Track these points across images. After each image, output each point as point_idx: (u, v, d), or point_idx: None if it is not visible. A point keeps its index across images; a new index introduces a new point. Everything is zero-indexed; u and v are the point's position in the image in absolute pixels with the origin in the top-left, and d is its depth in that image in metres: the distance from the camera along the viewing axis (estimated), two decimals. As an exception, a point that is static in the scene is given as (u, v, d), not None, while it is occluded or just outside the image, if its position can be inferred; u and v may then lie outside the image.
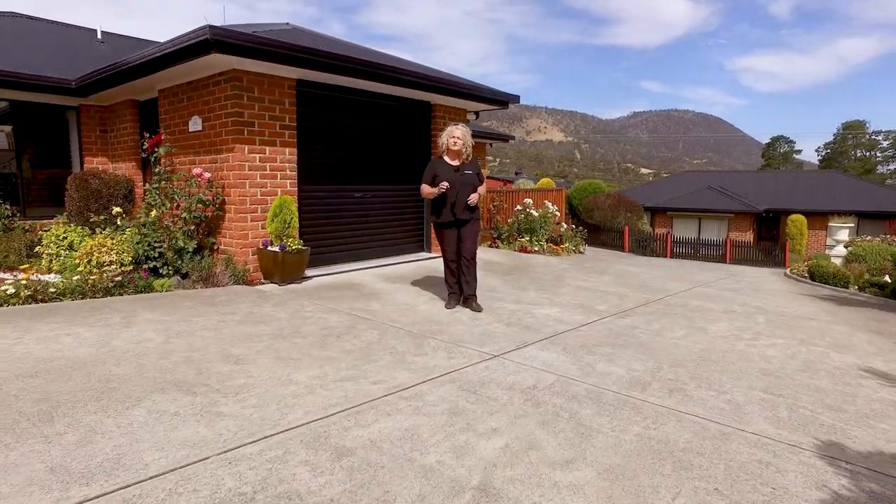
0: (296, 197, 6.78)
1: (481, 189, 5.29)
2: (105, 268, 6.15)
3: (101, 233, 6.71)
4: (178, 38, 5.65)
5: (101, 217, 7.10)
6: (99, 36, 11.23)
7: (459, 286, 5.42)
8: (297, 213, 6.36)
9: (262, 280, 6.41)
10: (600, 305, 6.07)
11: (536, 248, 11.34)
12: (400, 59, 8.97)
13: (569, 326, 5.02)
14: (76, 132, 8.65)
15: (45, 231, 7.27)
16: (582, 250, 13.04)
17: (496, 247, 11.31)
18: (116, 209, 7.13)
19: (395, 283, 6.70)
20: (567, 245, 12.35)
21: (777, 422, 3.05)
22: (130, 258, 6.29)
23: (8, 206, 7.68)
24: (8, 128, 8.16)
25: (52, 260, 6.90)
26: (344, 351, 3.97)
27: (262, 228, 6.45)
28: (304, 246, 6.44)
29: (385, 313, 5.17)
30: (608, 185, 28.57)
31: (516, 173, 53.43)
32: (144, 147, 6.78)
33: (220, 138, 6.39)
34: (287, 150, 6.65)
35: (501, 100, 9.23)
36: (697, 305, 6.40)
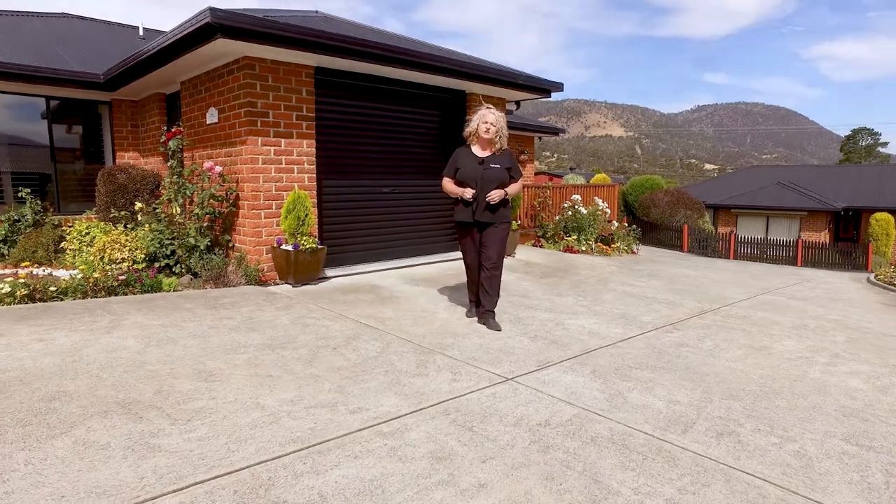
0: (315, 192, 6.36)
1: (512, 187, 4.46)
2: (118, 265, 5.95)
3: (120, 228, 6.53)
4: (183, 24, 5.33)
5: (122, 213, 6.94)
6: (141, 33, 11.28)
7: (477, 297, 4.73)
8: (312, 210, 5.94)
9: (277, 280, 6.04)
10: (645, 316, 5.32)
11: (584, 248, 10.55)
12: (431, 45, 8.43)
13: (604, 342, 4.33)
14: (108, 127, 8.61)
15: (71, 226, 7.19)
16: (635, 250, 12.11)
17: (540, 246, 10.61)
18: (139, 204, 6.94)
19: (418, 285, 6.18)
20: (618, 245, 11.48)
21: (868, 491, 2.30)
22: (144, 255, 6.07)
23: (38, 202, 7.67)
24: (44, 123, 8.18)
25: (75, 256, 6.80)
26: (333, 368, 3.47)
27: (277, 226, 6.07)
28: (319, 245, 6.02)
29: (396, 321, 4.65)
30: (667, 181, 27.04)
31: (571, 169, 51.96)
32: (162, 140, 6.55)
33: (233, 130, 6.05)
34: (305, 141, 6.24)
35: (542, 87, 8.52)
36: (761, 318, 5.53)
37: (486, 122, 4.40)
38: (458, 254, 8.06)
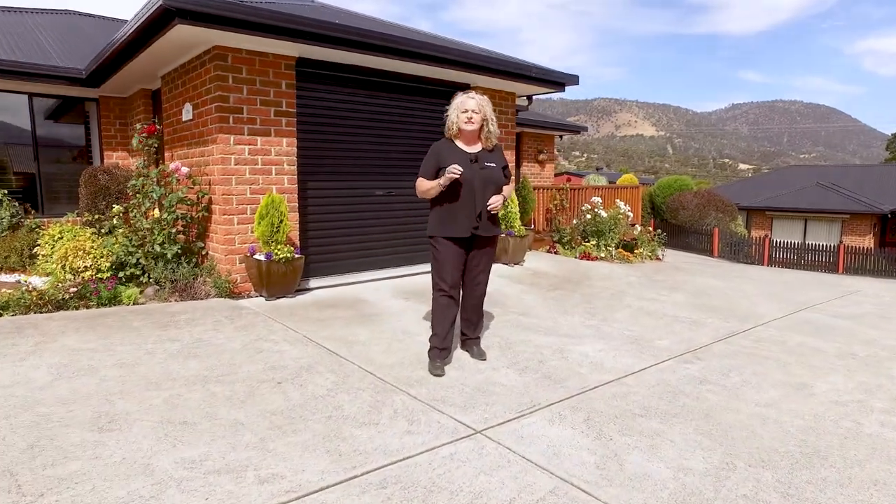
0: (295, 195, 5.79)
1: (507, 189, 3.71)
2: (80, 274, 5.48)
3: (88, 233, 6.06)
4: (141, 10, 4.81)
5: (95, 216, 6.49)
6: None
7: (451, 333, 3.64)
8: (287, 215, 5.37)
9: (251, 293, 5.49)
10: (662, 340, 4.58)
11: (603, 255, 9.77)
12: (430, 34, 7.79)
13: (608, 376, 3.63)
14: (96, 125, 8.22)
15: (45, 230, 6.78)
16: (660, 256, 11.25)
17: (555, 252, 9.87)
18: (116, 207, 6.48)
19: (408, 299, 5.55)
20: (641, 251, 10.65)
21: None
22: (109, 264, 5.58)
23: (17, 204, 7.30)
24: (26, 121, 7.82)
25: (46, 261, 6.37)
26: (265, 412, 2.86)
27: (253, 233, 5.51)
28: (298, 254, 5.43)
29: (366, 347, 4.03)
30: (699, 181, 25.87)
31: (598, 169, 50.73)
32: (137, 139, 6.06)
33: (206, 128, 5.52)
34: (285, 140, 5.67)
35: (555, 80, 7.80)
36: (799, 344, 4.73)
37: (467, 109, 3.48)
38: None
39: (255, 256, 5.25)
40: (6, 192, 7.30)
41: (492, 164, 3.57)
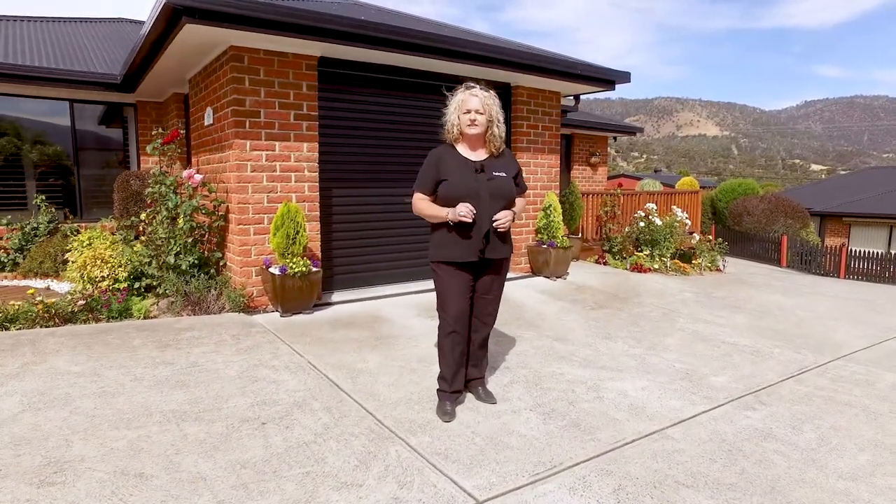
0: (317, 203, 5.45)
1: (520, 203, 3.19)
2: (98, 283, 5.34)
3: (107, 242, 5.95)
4: (151, 10, 4.58)
5: (123, 222, 6.39)
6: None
7: (461, 373, 3.13)
8: (305, 225, 5.03)
9: (268, 307, 5.18)
10: (717, 376, 3.93)
11: (656, 266, 9.00)
12: (467, 31, 7.32)
13: (649, 425, 3.05)
14: (134, 130, 8.22)
15: (74, 237, 6.76)
16: (720, 267, 10.32)
17: (604, 262, 9.18)
18: (143, 214, 6.38)
19: (432, 318, 5.09)
20: (699, 261, 9.79)
21: None
22: (126, 274, 5.42)
23: (52, 209, 7.35)
24: (67, 127, 7.89)
25: (71, 268, 6.33)
26: (235, 464, 2.47)
27: (269, 244, 5.21)
28: (315, 267, 5.09)
29: (373, 378, 3.60)
30: (765, 184, 24.18)
31: (655, 171, 48.78)
32: (152, 145, 5.89)
33: (223, 133, 5.26)
34: (305, 145, 5.34)
35: (604, 78, 7.16)
36: (892, 386, 3.95)
37: (469, 109, 2.95)
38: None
39: (269, 269, 4.94)
40: (44, 197, 7.37)
41: (501, 174, 3.04)
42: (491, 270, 3.13)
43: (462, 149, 3.10)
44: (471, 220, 2.86)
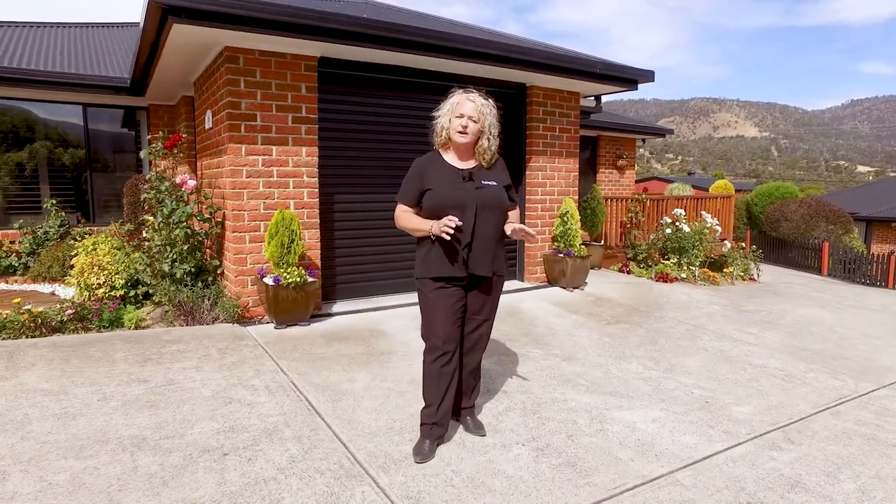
0: (316, 210, 5.22)
1: (513, 216, 2.91)
2: (95, 290, 5.23)
3: (107, 247, 5.84)
4: (142, 10, 4.41)
5: (120, 228, 6.30)
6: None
7: (447, 403, 2.76)
8: (301, 233, 4.80)
9: (263, 318, 4.97)
10: (741, 405, 3.53)
11: (684, 275, 8.50)
12: (478, 28, 7.00)
13: (657, 467, 2.69)
14: (146, 134, 8.18)
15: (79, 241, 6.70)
16: (754, 276, 9.74)
17: (627, 271, 8.73)
18: (149, 218, 6.27)
19: (434, 330, 4.80)
20: (731, 269, 9.23)
21: None
22: (123, 281, 5.29)
23: (64, 213, 7.33)
24: (80, 131, 7.89)
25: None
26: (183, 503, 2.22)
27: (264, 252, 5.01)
28: (310, 277, 4.84)
29: (357, 401, 3.33)
30: (807, 186, 23.08)
31: (689, 173, 47.43)
32: (147, 150, 5.76)
33: (219, 137, 5.09)
34: (304, 149, 5.12)
35: (626, 77, 6.76)
36: (944, 421, 3.48)
37: (462, 113, 2.68)
38: (515, 282, 6.60)
39: (264, 279, 4.73)
40: (56, 201, 7.36)
41: (491, 183, 2.73)
42: (482, 289, 2.81)
43: (449, 156, 2.80)
44: (453, 235, 2.54)
